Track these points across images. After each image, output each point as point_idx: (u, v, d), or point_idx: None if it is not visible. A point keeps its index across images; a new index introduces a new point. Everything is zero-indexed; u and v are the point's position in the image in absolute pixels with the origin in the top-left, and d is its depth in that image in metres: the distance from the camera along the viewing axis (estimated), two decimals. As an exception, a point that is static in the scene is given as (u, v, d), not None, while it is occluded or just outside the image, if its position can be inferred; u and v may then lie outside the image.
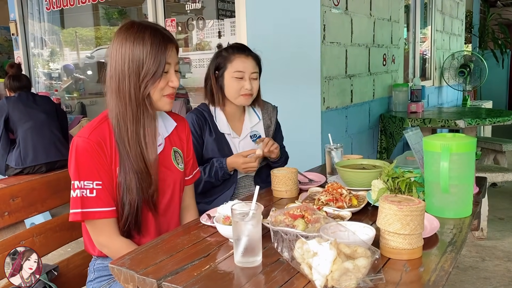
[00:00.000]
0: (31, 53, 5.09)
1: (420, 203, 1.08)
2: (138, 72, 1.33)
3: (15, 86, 3.41)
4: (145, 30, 1.35)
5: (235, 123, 2.04)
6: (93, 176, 1.32)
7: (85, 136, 1.33)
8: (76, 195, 1.31)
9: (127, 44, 1.34)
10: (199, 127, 1.94)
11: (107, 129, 1.37)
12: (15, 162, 3.25)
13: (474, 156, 1.37)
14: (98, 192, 1.32)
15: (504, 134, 6.00)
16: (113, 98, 1.36)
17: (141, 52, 1.33)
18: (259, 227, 1.09)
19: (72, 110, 4.98)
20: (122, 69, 1.34)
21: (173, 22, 3.93)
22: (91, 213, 1.32)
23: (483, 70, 5.73)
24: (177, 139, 1.57)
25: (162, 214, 1.48)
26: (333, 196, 1.44)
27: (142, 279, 1.03)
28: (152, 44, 1.33)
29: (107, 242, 1.39)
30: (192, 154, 1.64)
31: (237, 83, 1.92)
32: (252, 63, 1.95)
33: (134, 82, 1.34)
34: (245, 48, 2.00)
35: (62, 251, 2.44)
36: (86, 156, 1.32)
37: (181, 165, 1.55)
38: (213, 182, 1.90)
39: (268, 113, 2.10)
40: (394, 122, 3.81)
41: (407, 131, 1.61)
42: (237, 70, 1.92)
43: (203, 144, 1.95)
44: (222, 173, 1.88)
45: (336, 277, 0.90)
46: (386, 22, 3.97)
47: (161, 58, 1.34)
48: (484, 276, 2.73)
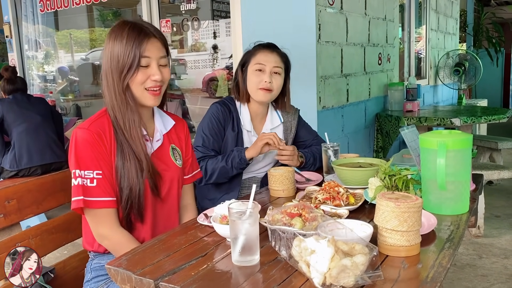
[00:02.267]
0: (26, 55, 5.06)
1: (417, 200, 1.08)
2: (117, 67, 1.38)
3: (10, 89, 3.39)
4: (124, 27, 1.39)
5: (257, 122, 2.02)
6: (93, 166, 1.34)
7: (85, 127, 1.36)
8: (77, 183, 1.33)
9: (110, 42, 1.39)
10: (223, 119, 1.93)
11: (106, 122, 1.41)
12: (10, 165, 3.23)
13: (470, 153, 1.37)
14: (99, 181, 1.34)
15: (499, 132, 6.02)
16: (105, 93, 1.42)
17: (119, 48, 1.37)
18: (257, 225, 1.09)
19: (67, 112, 4.96)
20: (107, 66, 1.39)
21: (168, 23, 3.92)
22: (92, 202, 1.33)
23: (478, 68, 5.76)
24: (176, 137, 1.59)
25: (161, 206, 1.49)
26: (330, 194, 1.44)
27: (139, 280, 1.03)
28: (128, 38, 1.37)
29: (107, 233, 1.39)
30: (191, 154, 1.65)
31: (257, 76, 1.90)
32: (276, 58, 1.92)
33: (116, 77, 1.38)
34: (271, 45, 1.98)
35: (58, 254, 2.43)
36: (86, 146, 1.34)
37: (179, 161, 1.57)
38: (228, 169, 1.87)
39: (289, 116, 2.08)
40: (390, 121, 3.82)
41: (403, 129, 1.61)
42: (258, 63, 1.91)
43: (224, 136, 1.94)
44: (239, 159, 1.85)
45: (334, 275, 0.90)
46: (381, 22, 3.98)
47: (135, 51, 1.36)
48: (482, 273, 2.73)
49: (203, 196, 2.00)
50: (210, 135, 1.92)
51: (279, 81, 1.93)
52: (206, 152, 1.91)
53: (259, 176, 2.03)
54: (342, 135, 3.39)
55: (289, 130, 2.07)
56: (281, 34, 2.92)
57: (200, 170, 1.70)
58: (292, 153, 1.88)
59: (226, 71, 4.22)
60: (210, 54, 4.29)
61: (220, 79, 4.32)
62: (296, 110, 2.11)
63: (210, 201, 1.93)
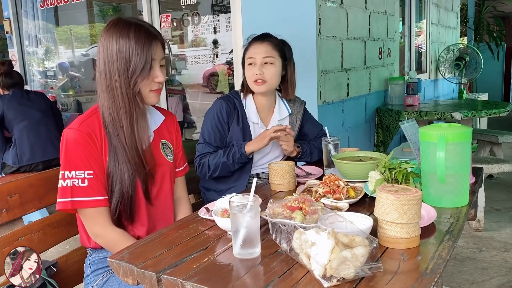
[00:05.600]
0: (26, 51, 5.06)
1: (417, 192, 1.09)
2: (126, 68, 1.36)
3: (8, 83, 3.39)
4: (129, 27, 1.37)
5: (265, 114, 2.03)
6: (84, 166, 1.34)
7: (75, 127, 1.35)
8: (66, 184, 1.33)
9: (113, 40, 1.36)
10: (226, 114, 1.93)
11: (96, 121, 1.39)
12: (12, 161, 3.24)
13: (470, 146, 1.38)
14: (90, 181, 1.34)
15: (500, 126, 6.02)
16: (104, 93, 1.39)
17: (127, 49, 1.35)
18: (257, 218, 1.09)
19: (68, 107, 4.97)
20: (111, 66, 1.36)
21: (168, 18, 3.92)
22: (82, 202, 1.34)
23: (479, 62, 5.75)
24: (166, 132, 1.60)
25: (153, 203, 1.50)
26: (331, 188, 1.45)
27: (141, 273, 1.04)
28: (137, 40, 1.35)
29: (101, 232, 1.40)
30: (181, 147, 1.67)
31: (249, 69, 1.92)
32: (266, 48, 1.91)
33: (124, 78, 1.36)
34: (263, 35, 1.97)
35: (60, 249, 2.45)
36: (76, 147, 1.33)
37: (170, 156, 1.58)
38: (229, 165, 1.88)
39: (295, 107, 2.08)
40: (391, 116, 3.82)
41: (403, 123, 1.61)
42: (249, 57, 1.92)
43: (229, 131, 1.94)
44: (240, 154, 1.86)
45: (335, 266, 0.90)
46: (382, 16, 3.97)
47: (147, 54, 1.36)
48: (482, 266, 2.74)
49: (209, 188, 2.01)
50: (213, 131, 1.93)
51: (272, 70, 1.91)
52: (209, 148, 1.92)
53: (267, 171, 2.02)
54: (342, 130, 3.39)
55: (295, 122, 2.08)
56: (282, 29, 2.91)
57: (186, 165, 1.71)
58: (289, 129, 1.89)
59: (226, 66, 4.22)
60: (211, 49, 4.29)
61: (221, 74, 4.32)
62: (302, 102, 2.12)
63: (216, 193, 1.95)
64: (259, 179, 1.98)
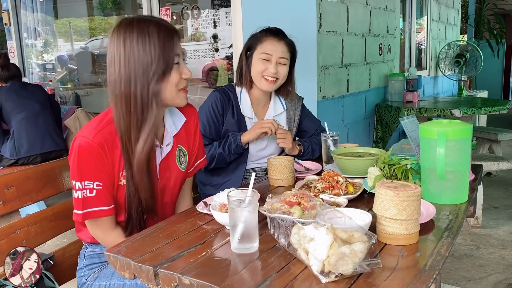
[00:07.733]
0: (25, 43, 5.03)
1: (416, 189, 1.08)
2: (146, 72, 1.26)
3: (5, 76, 3.38)
4: (147, 26, 1.27)
5: (259, 109, 2.02)
6: (93, 177, 1.30)
7: (89, 138, 1.28)
8: (77, 196, 1.30)
9: (129, 44, 1.26)
10: (221, 106, 1.92)
11: (113, 132, 1.32)
12: (10, 153, 3.23)
13: (470, 143, 1.37)
14: (98, 192, 1.31)
15: (499, 123, 6.02)
16: (118, 104, 1.29)
17: (148, 50, 1.26)
18: (256, 213, 1.09)
19: (66, 100, 4.95)
20: (128, 72, 1.27)
21: (168, 11, 3.90)
22: (91, 212, 1.32)
23: (479, 60, 5.74)
24: (185, 135, 1.52)
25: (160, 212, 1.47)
26: (329, 183, 1.44)
27: (138, 266, 1.03)
28: (159, 39, 1.26)
29: (102, 236, 1.40)
30: (198, 143, 1.59)
31: (262, 64, 1.89)
32: (283, 48, 1.90)
33: (141, 83, 1.27)
34: (279, 32, 1.95)
35: (58, 242, 2.44)
36: (88, 158, 1.28)
37: (184, 165, 1.52)
38: (225, 156, 1.88)
39: (293, 104, 2.07)
40: (390, 112, 3.81)
41: (403, 119, 1.61)
42: (264, 52, 1.89)
43: (223, 123, 1.93)
44: (235, 145, 1.86)
45: (333, 262, 0.90)
46: (382, 11, 3.95)
47: (169, 52, 1.29)
48: (479, 264, 2.75)
49: (205, 183, 2.00)
50: (208, 123, 1.92)
51: (285, 70, 1.92)
52: (204, 141, 1.91)
53: (264, 166, 2.02)
54: (342, 125, 3.39)
55: (293, 119, 2.06)
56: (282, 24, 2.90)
57: (205, 157, 1.66)
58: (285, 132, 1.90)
59: (226, 61, 4.20)
60: (210, 43, 4.27)
61: (220, 69, 4.30)
62: (300, 99, 2.10)
63: (213, 187, 1.94)
64: (257, 173, 1.97)
